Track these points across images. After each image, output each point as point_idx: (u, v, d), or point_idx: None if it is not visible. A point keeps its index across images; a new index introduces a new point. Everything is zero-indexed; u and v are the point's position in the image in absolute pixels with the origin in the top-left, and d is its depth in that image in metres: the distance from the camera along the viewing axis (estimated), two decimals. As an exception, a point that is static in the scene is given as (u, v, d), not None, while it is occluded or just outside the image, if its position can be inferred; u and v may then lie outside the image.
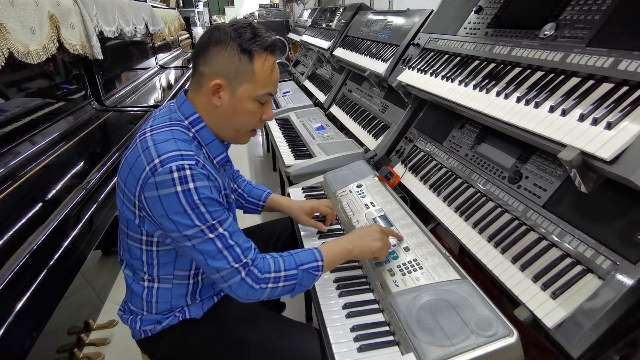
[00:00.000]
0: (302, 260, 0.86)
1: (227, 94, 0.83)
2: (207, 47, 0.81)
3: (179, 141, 0.79)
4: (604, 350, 0.72)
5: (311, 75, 3.11)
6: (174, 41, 4.44)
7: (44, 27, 1.41)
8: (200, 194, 0.76)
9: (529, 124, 0.87)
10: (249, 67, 0.81)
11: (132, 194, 0.78)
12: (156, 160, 0.75)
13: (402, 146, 1.53)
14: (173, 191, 0.74)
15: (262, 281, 0.81)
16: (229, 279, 0.79)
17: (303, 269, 0.85)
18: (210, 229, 0.77)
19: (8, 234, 0.94)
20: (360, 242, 0.93)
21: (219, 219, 0.79)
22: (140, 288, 0.90)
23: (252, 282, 0.80)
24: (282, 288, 0.84)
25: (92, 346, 1.09)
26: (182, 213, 0.75)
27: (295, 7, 5.55)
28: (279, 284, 0.83)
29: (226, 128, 0.88)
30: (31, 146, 1.39)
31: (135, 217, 0.82)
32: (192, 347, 0.93)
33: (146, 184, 0.75)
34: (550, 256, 0.84)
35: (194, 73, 0.85)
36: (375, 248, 0.93)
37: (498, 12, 1.20)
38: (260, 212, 1.26)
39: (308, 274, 0.86)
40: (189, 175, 0.74)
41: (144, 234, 0.84)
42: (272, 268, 0.83)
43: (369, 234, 0.95)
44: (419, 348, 0.73)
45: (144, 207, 0.78)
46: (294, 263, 0.85)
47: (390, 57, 1.72)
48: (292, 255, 0.87)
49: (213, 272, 0.79)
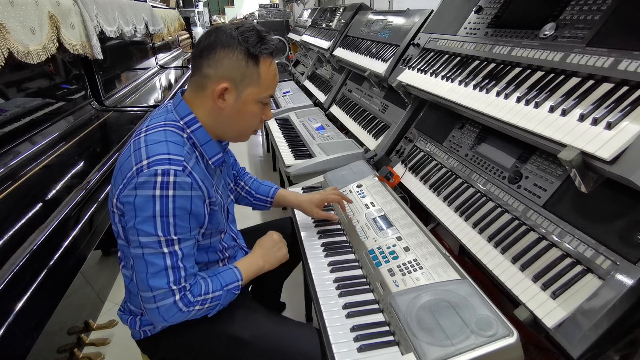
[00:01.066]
0: (227, 281, 0.88)
1: (232, 97, 0.83)
2: (213, 50, 0.80)
3: (171, 143, 0.78)
4: (604, 350, 0.72)
5: (311, 75, 3.11)
6: (173, 41, 4.44)
7: (44, 27, 1.41)
8: (176, 204, 0.75)
9: (529, 124, 0.87)
10: (255, 70, 0.82)
11: (114, 195, 0.79)
12: (144, 161, 0.75)
13: (402, 146, 1.53)
14: (151, 194, 0.74)
15: (192, 304, 0.81)
16: (160, 300, 0.78)
17: (227, 289, 0.88)
18: (168, 242, 0.76)
19: (8, 234, 0.94)
20: (268, 256, 1.00)
21: (180, 235, 0.78)
22: (137, 289, 0.90)
23: (182, 305, 0.80)
24: (206, 309, 0.85)
25: (92, 346, 1.09)
26: (150, 218, 0.74)
27: (295, 7, 5.55)
28: (205, 305, 0.84)
29: (229, 129, 0.88)
30: (31, 146, 1.39)
31: (118, 228, 0.83)
32: (191, 347, 0.93)
33: (129, 182, 0.75)
34: (550, 256, 0.84)
35: (195, 74, 0.84)
36: (281, 256, 1.02)
37: (498, 12, 1.20)
38: (269, 208, 1.26)
39: (231, 294, 0.89)
40: (172, 182, 0.74)
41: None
42: (203, 290, 0.83)
43: (271, 245, 1.02)
44: (419, 348, 0.73)
45: (122, 214, 0.78)
46: (219, 285, 0.87)
47: (390, 57, 1.72)
48: (216, 275, 0.88)
49: (146, 289, 0.77)
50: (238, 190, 1.22)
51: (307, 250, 1.12)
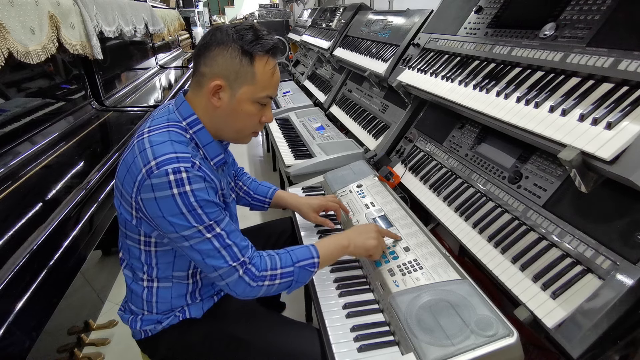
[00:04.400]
0: (299, 257, 0.87)
1: (226, 95, 0.83)
2: (208, 48, 0.81)
3: (176, 143, 0.79)
4: (604, 350, 0.71)
5: (311, 75, 3.11)
6: (173, 41, 4.44)
7: (43, 27, 1.41)
8: (197, 196, 0.76)
9: (529, 124, 0.87)
10: (250, 69, 0.81)
11: (129, 195, 0.79)
12: (152, 162, 0.75)
13: (402, 146, 1.53)
14: (169, 194, 0.74)
15: (259, 279, 0.83)
16: (227, 277, 0.81)
17: (299, 266, 0.86)
18: (208, 229, 0.78)
19: (8, 234, 0.94)
20: (355, 239, 0.95)
21: (215, 219, 0.79)
22: (140, 288, 0.90)
23: (249, 279, 0.81)
24: (278, 285, 0.85)
25: (92, 346, 1.09)
26: (179, 214, 0.75)
27: (295, 7, 5.55)
28: (276, 281, 0.84)
29: (226, 129, 0.88)
30: (31, 146, 1.39)
31: (133, 218, 0.82)
32: (192, 347, 0.93)
33: (142, 185, 0.75)
34: (550, 256, 0.84)
35: (195, 73, 0.85)
36: (370, 246, 0.95)
37: (498, 12, 1.20)
38: (267, 209, 1.26)
39: (304, 271, 0.87)
40: (185, 178, 0.75)
41: (142, 235, 0.85)
42: (269, 266, 0.84)
43: (366, 232, 0.97)
44: (419, 348, 0.73)
45: (141, 208, 0.78)
46: (290, 260, 0.86)
47: (390, 57, 1.72)
48: (288, 252, 0.88)
49: (211, 270, 0.80)
50: (237, 190, 1.22)
51: (307, 250, 1.12)
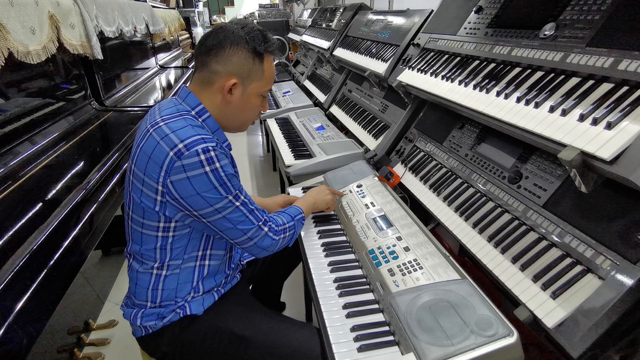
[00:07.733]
0: (294, 214, 1.08)
1: (239, 91, 0.92)
2: (222, 48, 0.88)
3: (195, 127, 0.85)
4: (604, 350, 0.72)
5: (311, 75, 3.11)
6: (174, 41, 4.44)
7: (44, 27, 1.41)
8: (225, 171, 0.84)
9: (529, 124, 0.87)
10: (260, 67, 0.92)
11: (155, 180, 0.82)
12: (180, 145, 0.80)
13: (402, 146, 1.53)
14: (202, 172, 0.81)
15: (279, 232, 0.99)
16: (255, 236, 0.93)
17: (296, 219, 1.07)
18: (236, 197, 0.87)
19: (8, 234, 0.94)
20: (317, 197, 1.22)
21: (239, 189, 0.89)
22: (147, 277, 0.91)
23: (272, 234, 0.96)
24: (288, 236, 1.02)
25: (92, 346, 1.10)
26: (213, 189, 0.83)
27: (295, 7, 5.55)
28: (287, 233, 1.01)
29: (234, 119, 0.97)
30: (31, 146, 1.39)
31: (156, 204, 0.85)
32: (192, 344, 0.93)
33: (172, 168, 0.80)
34: (550, 256, 0.84)
35: (202, 70, 0.90)
36: (328, 199, 1.24)
37: (498, 12, 1.20)
38: None
39: (299, 223, 1.08)
40: (214, 156, 0.82)
41: (162, 221, 0.88)
42: (280, 222, 1.01)
43: (322, 191, 1.25)
44: (419, 348, 0.73)
45: (169, 191, 0.83)
46: (290, 217, 1.06)
47: (390, 57, 1.72)
48: (285, 212, 1.08)
49: (240, 234, 0.90)
50: None
51: (307, 250, 1.12)
